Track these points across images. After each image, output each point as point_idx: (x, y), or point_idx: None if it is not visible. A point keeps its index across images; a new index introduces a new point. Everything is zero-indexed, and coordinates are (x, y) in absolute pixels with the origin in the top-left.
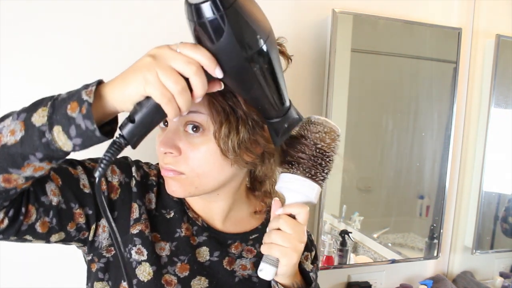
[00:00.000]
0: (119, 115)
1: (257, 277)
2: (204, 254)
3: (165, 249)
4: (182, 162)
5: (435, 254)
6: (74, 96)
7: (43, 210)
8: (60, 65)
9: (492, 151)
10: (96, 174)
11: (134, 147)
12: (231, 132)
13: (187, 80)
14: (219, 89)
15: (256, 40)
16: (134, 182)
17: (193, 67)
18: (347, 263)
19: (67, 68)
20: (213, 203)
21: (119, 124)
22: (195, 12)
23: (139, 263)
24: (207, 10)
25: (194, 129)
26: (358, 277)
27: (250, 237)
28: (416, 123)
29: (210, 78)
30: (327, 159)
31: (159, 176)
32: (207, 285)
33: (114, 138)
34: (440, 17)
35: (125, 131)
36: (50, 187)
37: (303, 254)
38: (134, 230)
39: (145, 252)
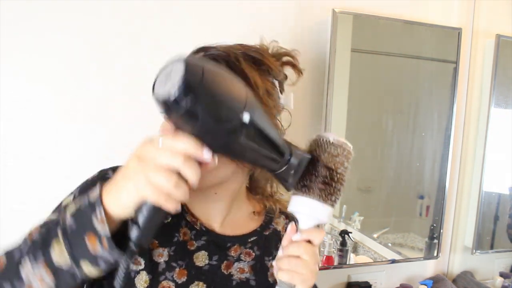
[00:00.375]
0: None
1: (255, 280)
2: (202, 258)
3: (163, 255)
4: None
5: (435, 254)
6: (85, 224)
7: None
8: (59, 65)
9: (492, 151)
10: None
11: (146, 247)
12: None
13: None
14: (214, 166)
15: (234, 112)
16: None
17: (180, 158)
18: (347, 263)
19: (67, 68)
20: (212, 204)
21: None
22: (165, 104)
23: (137, 272)
24: (176, 100)
25: None
26: (358, 277)
27: (249, 240)
28: (416, 123)
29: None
30: (342, 181)
31: None
32: None
33: (129, 248)
34: (440, 17)
35: (134, 237)
36: None
37: None
38: None
39: (143, 262)
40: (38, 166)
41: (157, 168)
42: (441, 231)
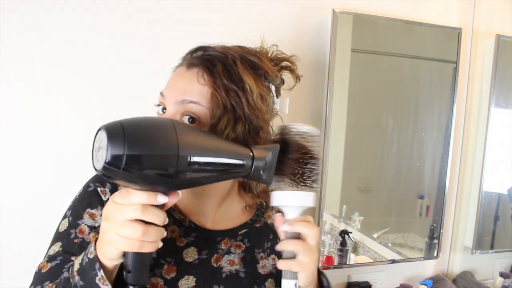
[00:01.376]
0: None
1: (245, 272)
2: (192, 254)
3: None
4: None
5: (435, 254)
6: (91, 283)
7: None
8: (59, 65)
9: (492, 151)
10: None
11: (144, 285)
12: (227, 128)
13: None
14: (179, 197)
15: (169, 158)
16: (105, 202)
17: (137, 211)
18: (347, 263)
19: (66, 68)
20: (201, 201)
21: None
22: (104, 175)
23: None
24: (110, 174)
25: (190, 120)
26: (358, 277)
27: (239, 232)
28: (416, 123)
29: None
30: (313, 164)
31: None
32: (194, 283)
33: None
34: (440, 17)
35: (130, 281)
36: None
37: None
38: None
39: None
40: (38, 166)
41: (121, 224)
42: (441, 231)
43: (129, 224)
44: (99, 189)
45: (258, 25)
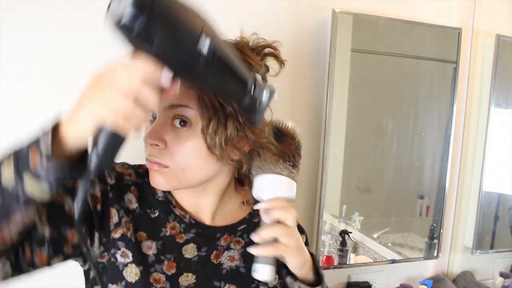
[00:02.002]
0: None
1: (245, 267)
2: (191, 250)
3: (152, 247)
4: (167, 155)
5: (435, 254)
6: (33, 142)
7: (37, 244)
8: (59, 65)
9: (492, 151)
10: (76, 215)
11: (105, 172)
12: (219, 128)
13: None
14: (175, 93)
15: (190, 33)
16: (109, 186)
17: (137, 80)
18: (347, 263)
19: (66, 68)
20: (201, 199)
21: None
22: (119, 26)
23: (125, 265)
24: (130, 20)
25: (182, 123)
26: (358, 277)
27: (239, 228)
28: (416, 123)
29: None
30: (297, 158)
31: (138, 175)
32: (194, 280)
33: (86, 173)
34: (440, 17)
35: (93, 164)
36: (38, 221)
37: None
38: (116, 235)
39: (130, 254)
40: None
41: (115, 90)
42: (441, 231)
43: (122, 93)
44: (105, 172)
45: (258, 25)
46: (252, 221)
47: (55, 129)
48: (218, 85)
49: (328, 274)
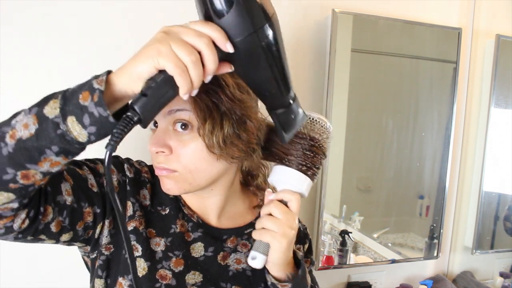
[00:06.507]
0: None
1: (251, 270)
2: (198, 249)
3: (160, 244)
4: (174, 160)
5: (435, 254)
6: (85, 86)
7: (58, 210)
8: (60, 65)
9: (492, 151)
10: (108, 148)
11: (145, 124)
12: (215, 128)
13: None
14: (229, 71)
15: (263, 13)
16: (127, 179)
17: (205, 39)
18: (347, 263)
19: (67, 67)
20: (208, 199)
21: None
22: None
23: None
24: None
25: (183, 127)
26: (358, 277)
27: (245, 232)
28: (416, 123)
29: (220, 58)
30: (320, 156)
31: (152, 174)
32: (201, 279)
33: (127, 113)
34: (440, 17)
35: (137, 105)
36: (65, 187)
37: (295, 245)
38: (129, 227)
39: (140, 248)
40: None
41: (182, 41)
42: (441, 231)
43: (188, 46)
44: (125, 165)
45: None
46: None
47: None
48: (266, 77)
49: (328, 274)
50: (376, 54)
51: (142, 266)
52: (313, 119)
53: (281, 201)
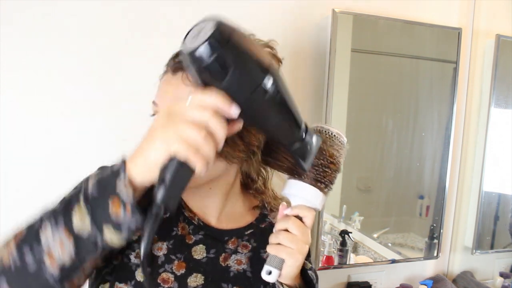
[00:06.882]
0: None
1: (251, 271)
2: (200, 251)
3: (162, 248)
4: None
5: (435, 254)
6: (109, 190)
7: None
8: (59, 65)
9: (492, 151)
10: (142, 252)
11: (172, 210)
12: None
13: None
14: (240, 127)
15: (261, 68)
16: None
17: (209, 111)
18: (347, 263)
19: (66, 67)
20: (208, 199)
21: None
22: (193, 59)
23: (138, 265)
24: (206, 54)
25: None
26: (358, 277)
27: (246, 232)
28: (416, 123)
29: (227, 120)
30: (336, 173)
31: None
32: (203, 281)
33: (152, 211)
34: (440, 17)
35: (159, 197)
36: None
37: None
38: (134, 237)
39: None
40: (38, 166)
41: (186, 122)
42: (441, 231)
43: (194, 125)
44: None
45: (258, 25)
46: (259, 227)
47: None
48: (276, 123)
49: (328, 274)
50: (376, 54)
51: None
52: (332, 134)
53: (296, 216)
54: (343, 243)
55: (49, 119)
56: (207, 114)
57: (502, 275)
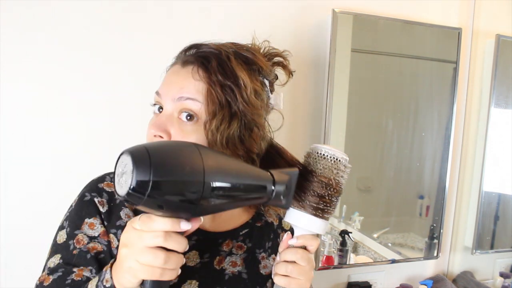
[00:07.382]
0: None
1: (247, 273)
2: (194, 258)
3: None
4: None
5: (435, 254)
6: None
7: None
8: (60, 66)
9: (492, 151)
10: None
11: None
12: (222, 125)
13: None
14: (201, 222)
15: (194, 182)
16: (103, 216)
17: (160, 238)
18: (347, 263)
19: (66, 68)
20: None
21: None
22: (127, 201)
23: None
24: (135, 201)
25: (188, 117)
26: (358, 277)
27: (240, 233)
28: (416, 123)
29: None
30: (336, 194)
31: None
32: (197, 287)
33: None
34: (440, 17)
35: None
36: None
37: None
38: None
39: None
40: (38, 166)
41: (142, 251)
42: (441, 231)
43: (150, 251)
44: (96, 199)
45: (258, 25)
46: (255, 225)
47: None
48: (237, 205)
49: (328, 274)
50: (376, 54)
51: None
52: (337, 159)
53: (301, 245)
54: (343, 243)
55: (50, 119)
56: (159, 239)
57: (502, 275)
